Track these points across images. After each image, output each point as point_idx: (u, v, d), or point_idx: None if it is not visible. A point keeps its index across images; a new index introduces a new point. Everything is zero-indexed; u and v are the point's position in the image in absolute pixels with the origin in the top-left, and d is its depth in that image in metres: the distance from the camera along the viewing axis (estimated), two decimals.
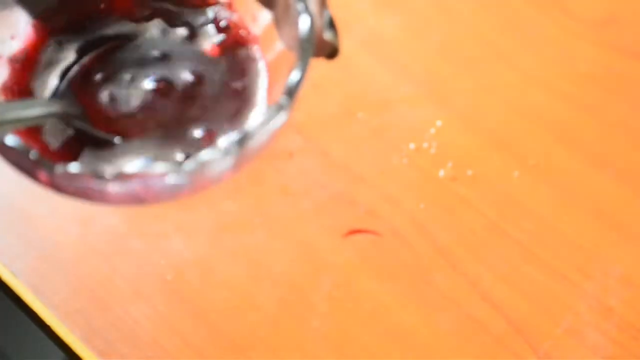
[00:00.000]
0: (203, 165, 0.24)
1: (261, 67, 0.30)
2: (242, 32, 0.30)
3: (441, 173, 0.41)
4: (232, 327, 0.38)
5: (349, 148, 0.41)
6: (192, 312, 0.38)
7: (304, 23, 0.27)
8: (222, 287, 0.38)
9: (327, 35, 0.28)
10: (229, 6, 0.30)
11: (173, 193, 0.26)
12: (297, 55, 0.26)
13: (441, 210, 0.40)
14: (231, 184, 0.40)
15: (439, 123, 0.42)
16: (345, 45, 0.46)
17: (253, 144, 0.25)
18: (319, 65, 0.29)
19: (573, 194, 0.40)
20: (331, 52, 0.29)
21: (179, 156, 0.28)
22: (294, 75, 0.26)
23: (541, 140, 0.42)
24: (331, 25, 0.28)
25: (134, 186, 0.25)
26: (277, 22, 0.29)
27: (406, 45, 0.45)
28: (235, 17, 0.30)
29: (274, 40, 0.29)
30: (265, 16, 0.30)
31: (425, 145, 0.41)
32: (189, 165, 0.24)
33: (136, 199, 0.26)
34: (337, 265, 0.39)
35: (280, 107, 0.25)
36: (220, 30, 0.30)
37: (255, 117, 0.29)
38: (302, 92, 0.26)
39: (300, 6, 0.27)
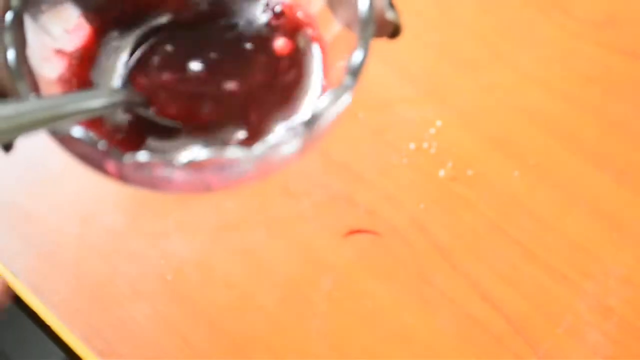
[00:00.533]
0: (272, 148, 0.24)
1: (316, 49, 0.29)
2: (297, 14, 0.30)
3: (441, 173, 0.41)
4: (232, 327, 0.38)
5: (349, 148, 0.41)
6: (192, 312, 0.38)
7: (363, 2, 0.26)
8: (222, 287, 0.38)
9: (389, 15, 0.28)
10: None
11: (241, 178, 0.26)
12: (358, 35, 0.26)
13: (441, 210, 0.40)
14: None
15: (439, 123, 0.42)
16: None
17: (320, 125, 0.25)
18: None
19: (573, 194, 0.40)
20: (393, 31, 0.28)
21: (241, 140, 0.27)
22: (357, 56, 0.25)
23: (541, 140, 0.42)
24: (391, 4, 0.28)
25: (203, 173, 0.25)
26: (333, 2, 0.28)
27: (406, 45, 0.45)
28: (289, 1, 0.30)
29: (330, 21, 0.29)
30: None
31: (425, 145, 0.41)
32: (259, 149, 0.24)
33: (204, 186, 0.26)
34: (337, 265, 0.39)
35: (345, 88, 0.25)
36: (274, 15, 0.30)
37: (311, 101, 0.28)
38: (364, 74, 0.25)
39: None
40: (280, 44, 0.29)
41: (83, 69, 0.28)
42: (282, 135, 0.24)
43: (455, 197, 0.40)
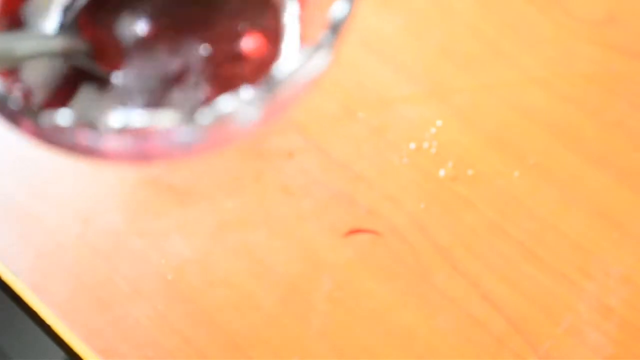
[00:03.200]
0: (222, 118, 0.20)
1: (291, 3, 0.25)
2: None
3: (441, 173, 0.41)
4: (233, 327, 0.38)
5: (349, 148, 0.41)
6: (193, 311, 0.38)
7: None
8: (223, 287, 0.38)
9: None
10: None
11: (186, 149, 0.22)
12: None
13: (441, 209, 0.40)
14: (231, 183, 0.40)
15: (439, 123, 0.42)
16: (345, 45, 0.46)
17: (284, 90, 0.21)
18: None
19: (573, 194, 0.40)
20: None
21: (192, 103, 0.23)
22: (339, 6, 0.21)
23: (541, 140, 0.42)
24: None
25: (138, 141, 0.21)
26: None
27: (406, 45, 0.45)
28: None
29: None
30: None
31: (425, 145, 0.41)
32: (205, 117, 0.20)
33: (140, 156, 0.22)
34: (337, 264, 0.39)
35: (320, 47, 0.21)
36: None
37: (286, 61, 0.24)
38: (344, 39, 0.22)
39: None
40: None
41: (11, 3, 0.24)
42: (234, 102, 0.20)
43: (456, 197, 0.40)
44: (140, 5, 0.25)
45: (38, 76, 0.23)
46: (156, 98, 0.24)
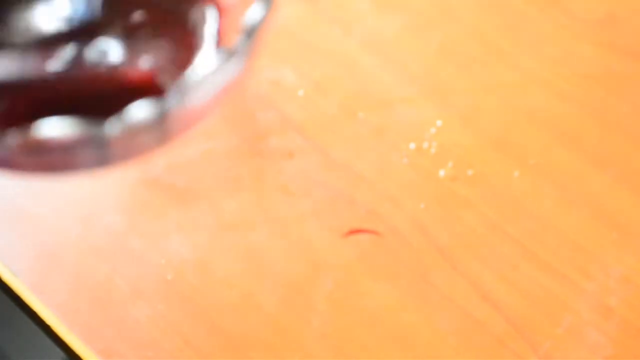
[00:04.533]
0: (129, 128, 0.18)
1: (210, 12, 0.23)
2: None
3: (441, 173, 0.41)
4: (233, 327, 0.38)
5: (349, 148, 0.41)
6: (192, 311, 0.38)
7: None
8: (223, 287, 0.38)
9: None
10: None
11: (82, 165, 0.20)
12: None
13: (441, 210, 0.40)
14: (231, 183, 0.40)
15: (439, 123, 0.42)
16: (345, 45, 0.46)
17: (190, 102, 0.19)
18: (319, 65, 0.28)
19: (573, 194, 0.40)
20: None
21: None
22: (255, 10, 0.20)
23: (541, 140, 0.42)
24: None
25: (40, 154, 0.19)
26: None
27: (406, 45, 0.45)
28: None
29: None
30: None
31: (425, 145, 0.41)
32: (110, 128, 0.18)
33: (46, 167, 0.20)
34: (337, 265, 0.39)
35: (231, 53, 0.19)
36: None
37: (196, 69, 0.22)
38: (268, 38, 0.20)
39: None
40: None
41: None
42: (133, 115, 0.18)
43: (456, 197, 0.40)
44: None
45: None
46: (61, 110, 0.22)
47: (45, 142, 0.18)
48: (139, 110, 0.18)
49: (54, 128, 0.18)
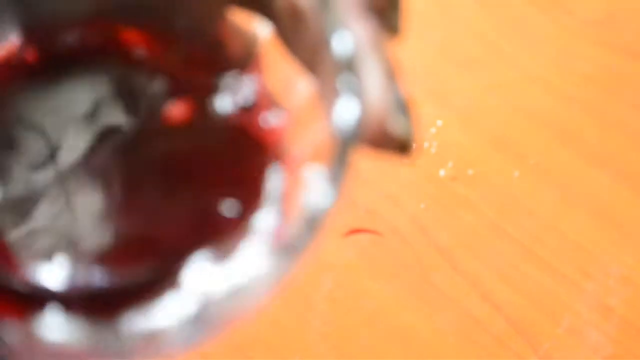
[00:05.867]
0: (150, 335, 0.15)
1: (276, 171, 0.19)
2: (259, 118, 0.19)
3: (441, 173, 0.41)
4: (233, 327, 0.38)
5: None
6: None
7: (346, 109, 0.16)
8: None
9: (396, 123, 0.18)
10: (243, 69, 0.19)
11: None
12: (330, 160, 0.16)
13: (441, 210, 0.40)
14: None
15: (439, 123, 0.42)
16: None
17: (225, 312, 0.16)
18: None
19: (573, 194, 0.40)
20: (400, 147, 0.18)
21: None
22: (317, 196, 0.15)
23: (541, 140, 0.42)
24: (402, 105, 0.18)
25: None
26: (322, 97, 0.18)
27: (406, 45, 0.45)
28: (248, 89, 0.19)
29: (309, 128, 0.18)
30: (299, 88, 0.19)
31: (425, 145, 0.41)
32: (128, 338, 0.15)
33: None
34: (337, 265, 0.39)
35: (285, 253, 0.15)
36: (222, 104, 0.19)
37: (248, 250, 0.18)
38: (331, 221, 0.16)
39: (345, 78, 0.16)
40: (211, 146, 0.19)
41: None
42: (163, 321, 0.16)
43: (456, 197, 0.40)
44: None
45: None
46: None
47: (45, 347, 0.15)
48: (172, 313, 0.15)
49: (58, 330, 0.15)
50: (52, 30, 0.19)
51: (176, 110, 0.19)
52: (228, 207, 0.18)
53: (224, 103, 0.19)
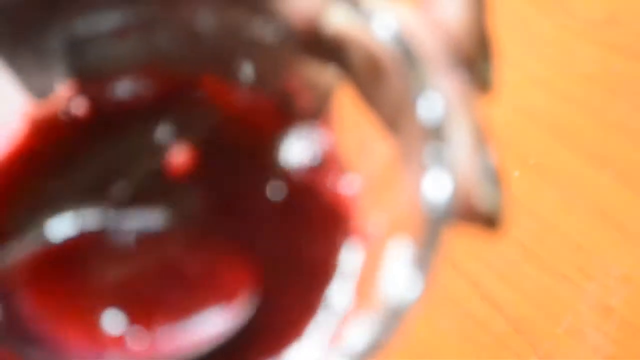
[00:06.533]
0: None
1: (351, 246, 0.16)
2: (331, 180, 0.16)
3: None
4: None
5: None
6: None
7: (437, 183, 0.14)
8: None
9: (484, 195, 0.16)
10: (315, 129, 0.17)
11: None
12: (417, 241, 0.14)
13: None
14: None
15: None
16: None
17: None
18: None
19: (573, 194, 0.40)
20: (487, 221, 0.17)
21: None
22: (401, 284, 0.13)
23: (541, 140, 0.42)
24: (492, 176, 0.16)
25: None
26: (403, 164, 0.16)
27: None
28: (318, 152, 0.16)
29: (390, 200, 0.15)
30: (376, 151, 0.16)
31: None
32: None
33: None
34: None
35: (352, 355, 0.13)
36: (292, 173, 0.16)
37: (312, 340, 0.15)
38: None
39: (435, 148, 0.14)
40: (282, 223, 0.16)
41: None
42: None
43: None
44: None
45: None
46: None
47: None
48: None
49: None
50: (105, 80, 0.17)
51: (233, 163, 0.17)
52: (293, 284, 0.15)
53: (290, 157, 0.17)
